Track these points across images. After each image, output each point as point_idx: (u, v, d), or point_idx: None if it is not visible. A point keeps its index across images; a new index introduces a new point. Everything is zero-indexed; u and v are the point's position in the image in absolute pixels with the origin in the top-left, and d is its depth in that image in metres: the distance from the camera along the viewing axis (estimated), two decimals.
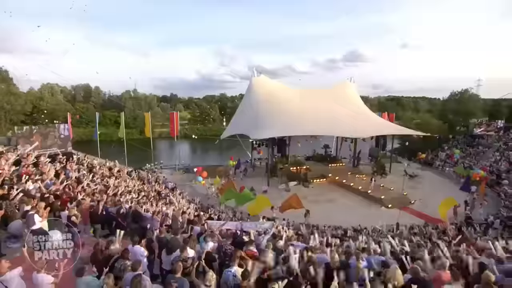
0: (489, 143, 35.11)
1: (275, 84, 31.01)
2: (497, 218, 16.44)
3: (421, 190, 25.30)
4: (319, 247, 6.56)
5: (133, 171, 22.68)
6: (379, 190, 23.61)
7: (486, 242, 7.71)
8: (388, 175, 29.19)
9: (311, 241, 7.80)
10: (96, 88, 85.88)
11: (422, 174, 30.67)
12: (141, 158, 34.65)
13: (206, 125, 75.77)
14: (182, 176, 28.50)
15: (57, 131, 20.23)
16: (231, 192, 16.54)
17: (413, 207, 21.83)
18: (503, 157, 30.35)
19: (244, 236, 6.98)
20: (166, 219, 8.84)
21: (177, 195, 17.74)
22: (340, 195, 23.33)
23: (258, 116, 25.52)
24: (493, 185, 25.52)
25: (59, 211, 7.51)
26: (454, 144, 38.92)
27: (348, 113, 27.75)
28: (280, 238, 6.83)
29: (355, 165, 31.45)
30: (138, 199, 11.88)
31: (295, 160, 27.77)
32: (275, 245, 5.90)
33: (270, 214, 16.96)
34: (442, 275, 4.32)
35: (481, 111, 45.92)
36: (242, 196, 15.79)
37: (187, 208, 13.22)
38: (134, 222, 7.80)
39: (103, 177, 15.73)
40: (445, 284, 4.18)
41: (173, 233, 6.12)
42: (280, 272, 4.29)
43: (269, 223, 9.10)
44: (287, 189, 22.75)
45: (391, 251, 6.60)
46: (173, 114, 34.00)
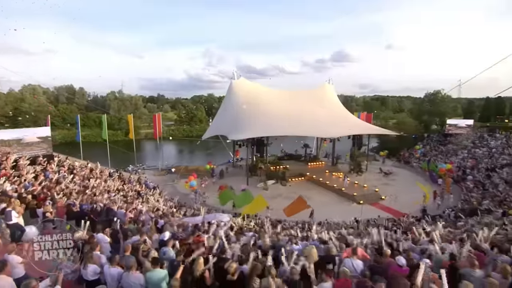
0: (459, 142, 37.17)
1: (255, 86, 32.02)
2: (452, 210, 17.92)
3: (393, 187, 26.85)
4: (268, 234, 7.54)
5: (115, 172, 23.17)
6: (353, 188, 24.95)
7: (417, 229, 8.89)
8: (364, 173, 30.77)
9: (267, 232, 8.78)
10: (81, 89, 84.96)
11: (397, 172, 32.38)
12: (126, 159, 34.97)
13: (192, 126, 76.01)
14: (165, 176, 29.17)
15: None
16: (227, 193, 17.07)
17: (384, 202, 23.23)
18: (470, 154, 32.34)
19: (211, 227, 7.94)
20: (140, 215, 9.67)
21: (157, 194, 18.43)
22: (316, 193, 24.50)
23: (238, 118, 26.48)
24: (459, 180, 27.34)
25: (35, 209, 8.19)
26: (428, 142, 40.99)
27: (325, 113, 29.04)
28: (231, 228, 7.81)
29: (334, 163, 32.89)
30: (115, 198, 12.58)
31: (273, 159, 28.87)
32: (227, 234, 6.86)
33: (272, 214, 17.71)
34: (349, 251, 5.37)
35: (453, 111, 48.31)
36: (240, 198, 16.15)
37: (162, 206, 13.99)
38: (106, 217, 8.56)
39: (83, 178, 16.30)
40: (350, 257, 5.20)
41: (138, 224, 6.97)
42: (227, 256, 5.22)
43: (227, 215, 10.06)
44: (265, 188, 23.76)
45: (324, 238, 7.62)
46: (156, 116, 34.49)
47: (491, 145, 32.93)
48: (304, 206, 15.57)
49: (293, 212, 15.63)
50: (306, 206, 15.70)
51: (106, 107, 68.78)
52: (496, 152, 30.41)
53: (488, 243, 6.59)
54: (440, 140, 40.32)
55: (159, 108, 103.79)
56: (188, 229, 7.53)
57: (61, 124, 62.74)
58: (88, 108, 72.84)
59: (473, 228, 9.39)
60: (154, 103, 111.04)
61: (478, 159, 30.34)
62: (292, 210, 15.63)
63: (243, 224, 9.68)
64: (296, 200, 16.01)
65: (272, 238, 6.52)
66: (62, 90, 77.77)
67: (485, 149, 32.40)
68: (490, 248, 6.44)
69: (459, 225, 12.49)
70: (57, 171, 15.45)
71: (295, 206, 15.60)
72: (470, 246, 6.52)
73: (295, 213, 15.66)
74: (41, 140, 18.35)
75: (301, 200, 15.70)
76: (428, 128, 45.13)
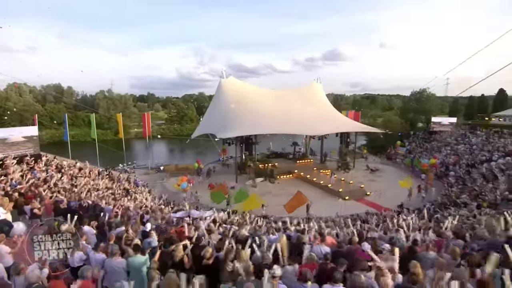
0: (442, 139, 38.40)
1: (244, 85, 32.38)
2: (432, 204, 18.73)
3: (379, 183, 27.69)
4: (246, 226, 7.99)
5: (104, 171, 23.23)
6: (339, 184, 25.63)
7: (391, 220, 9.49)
8: (351, 169, 31.57)
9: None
10: (69, 88, 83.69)
11: (383, 168, 33.29)
12: (115, 159, 34.89)
13: (183, 125, 75.85)
14: (154, 175, 29.33)
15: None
16: (221, 194, 17.29)
17: (368, 198, 23.99)
18: (452, 151, 33.48)
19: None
20: (127, 211, 9.98)
21: (145, 192, 18.66)
22: (303, 189, 24.62)
23: (226, 116, 26.82)
24: (442, 176, 28.37)
25: (22, 206, 8.41)
26: (413, 140, 42.16)
27: (312, 112, 29.65)
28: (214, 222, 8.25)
29: (322, 161, 33.58)
30: (103, 195, 12.82)
31: (262, 157, 29.36)
32: (209, 225, 7.28)
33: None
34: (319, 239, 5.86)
35: (438, 109, 49.69)
36: (237, 195, 16.50)
37: (150, 203, 14.28)
38: (93, 213, 8.85)
39: (71, 177, 16.41)
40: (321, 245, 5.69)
41: (123, 218, 7.31)
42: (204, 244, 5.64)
43: (211, 211, 10.54)
44: (253, 185, 24.20)
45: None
46: (145, 115, 34.52)
47: (472, 142, 34.12)
48: (304, 200, 15.93)
49: (294, 208, 15.83)
50: (306, 200, 16.08)
51: (95, 106, 67.99)
52: (477, 149, 31.56)
53: (450, 231, 7.20)
54: (425, 138, 41.52)
55: (149, 107, 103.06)
56: (173, 222, 7.91)
57: (49, 123, 61.78)
58: (77, 107, 71.90)
59: (442, 219, 10.03)
60: (145, 102, 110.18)
61: (459, 156, 31.47)
62: (293, 206, 15.85)
63: (226, 219, 10.11)
64: (295, 195, 16.25)
65: (251, 230, 6.96)
66: (49, 89, 76.50)
67: (466, 146, 33.57)
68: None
69: (436, 217, 13.20)
70: (45, 170, 15.53)
71: (295, 202, 15.90)
72: (433, 233, 7.15)
73: (295, 208, 15.87)
74: (27, 140, 18.25)
75: (300, 195, 15.98)
76: (414, 126, 46.39)
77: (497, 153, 28.21)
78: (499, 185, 19.46)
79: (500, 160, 26.12)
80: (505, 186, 18.69)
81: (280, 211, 17.08)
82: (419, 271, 4.17)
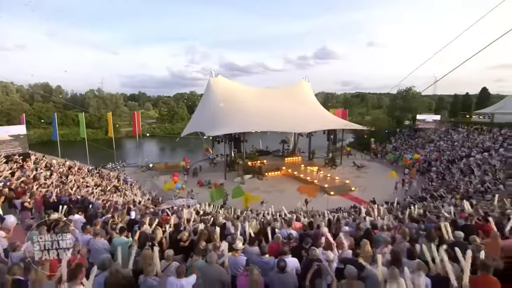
0: (427, 136, 39.70)
1: (233, 84, 32.91)
2: (412, 198, 19.68)
3: (364, 179, 28.65)
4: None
5: (94, 169, 23.48)
6: (325, 180, 26.43)
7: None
8: (338, 166, 32.48)
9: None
10: (58, 87, 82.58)
11: (369, 165, 34.31)
12: (105, 157, 34.98)
13: (174, 123, 75.85)
14: (144, 173, 29.66)
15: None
16: (221, 192, 17.89)
17: (353, 193, 24.86)
18: (435, 147, 34.74)
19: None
20: (116, 204, 10.45)
21: (135, 189, 19.06)
22: (290, 186, 25.73)
23: (215, 115, 27.32)
24: (424, 172, 29.52)
25: (13, 199, 8.81)
26: (400, 137, 43.40)
27: (300, 110, 30.38)
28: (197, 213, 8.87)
29: (310, 158, 34.40)
30: (93, 192, 13.21)
31: (250, 154, 29.98)
32: (190, 214, 7.87)
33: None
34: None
35: (425, 107, 51.13)
36: (235, 191, 17.09)
37: (139, 199, 14.74)
38: (82, 205, 9.32)
39: (61, 175, 16.70)
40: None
41: (110, 209, 7.83)
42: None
43: (194, 201, 11.09)
44: (242, 182, 24.77)
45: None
46: (135, 114, 34.71)
47: (454, 138, 35.43)
48: (313, 192, 18.54)
49: (304, 190, 18.69)
50: (315, 193, 18.67)
51: (85, 105, 67.43)
52: (457, 145, 32.85)
53: (408, 217, 7.98)
54: (410, 135, 42.83)
55: (140, 106, 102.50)
56: (159, 213, 8.46)
57: (37, 122, 61.06)
58: (66, 107, 71.03)
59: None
60: (136, 101, 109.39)
61: (441, 152, 32.71)
62: (304, 189, 18.94)
63: (211, 211, 10.69)
64: (310, 184, 21.33)
65: (228, 218, 7.59)
66: (37, 88, 75.33)
67: (448, 143, 34.86)
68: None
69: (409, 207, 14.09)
70: (35, 168, 15.80)
71: (307, 188, 19.04)
72: (395, 220, 7.90)
73: (305, 191, 18.58)
74: (14, 139, 18.26)
75: (314, 185, 20.00)
76: (401, 123, 47.61)
77: (476, 149, 29.49)
78: (473, 179, 20.59)
79: (478, 156, 27.39)
80: (478, 179, 19.80)
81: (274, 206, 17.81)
82: (366, 248, 4.91)
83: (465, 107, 58.59)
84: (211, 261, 3.82)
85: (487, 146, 29.31)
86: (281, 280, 3.73)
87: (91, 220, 7.11)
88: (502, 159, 23.99)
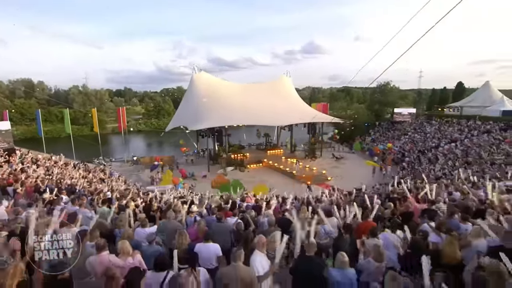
0: (403, 128, 41.88)
1: (216, 80, 33.91)
2: (380, 184, 21.40)
3: (341, 169, 30.41)
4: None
5: (79, 163, 24.11)
6: (304, 171, 28.00)
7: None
8: (318, 158, 34.15)
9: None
10: (40, 83, 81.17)
11: (347, 156, 36.16)
12: (91, 153, 35.43)
13: (160, 119, 76.05)
14: (130, 167, 30.49)
15: None
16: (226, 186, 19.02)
17: (329, 182, 26.49)
18: (409, 139, 36.87)
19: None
20: (101, 194, 11.49)
21: (120, 181, 19.99)
22: (271, 177, 27.21)
23: (198, 110, 28.33)
24: (398, 162, 31.51)
25: (5, 187, 9.74)
26: (378, 129, 45.51)
27: (280, 104, 31.73)
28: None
29: (292, 151, 35.96)
30: (79, 182, 14.11)
31: (233, 148, 31.25)
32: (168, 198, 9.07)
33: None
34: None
35: (403, 101, 53.38)
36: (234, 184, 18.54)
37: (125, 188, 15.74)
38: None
39: (47, 169, 17.41)
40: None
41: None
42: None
43: (170, 185, 12.33)
44: (224, 174, 25.99)
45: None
46: (120, 110, 35.26)
47: (427, 130, 37.64)
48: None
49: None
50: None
51: (69, 101, 66.78)
52: (429, 137, 35.03)
53: None
54: (388, 127, 44.99)
55: (126, 101, 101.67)
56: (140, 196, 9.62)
57: (19, 119, 60.24)
58: (50, 103, 70.10)
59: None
60: (122, 96, 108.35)
61: (415, 143, 34.84)
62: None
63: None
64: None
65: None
66: (18, 83, 73.87)
67: (421, 134, 37.05)
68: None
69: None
70: (21, 162, 16.47)
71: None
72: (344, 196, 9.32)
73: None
74: (3, 134, 18.72)
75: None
76: (380, 117, 49.76)
77: (444, 140, 31.69)
78: (436, 167, 22.53)
79: (446, 146, 29.55)
80: (439, 167, 21.72)
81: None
82: (304, 211, 6.29)
83: (442, 100, 61.32)
84: (169, 217, 5.07)
85: (454, 137, 31.55)
86: (218, 227, 5.03)
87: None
88: (464, 149, 26.16)
